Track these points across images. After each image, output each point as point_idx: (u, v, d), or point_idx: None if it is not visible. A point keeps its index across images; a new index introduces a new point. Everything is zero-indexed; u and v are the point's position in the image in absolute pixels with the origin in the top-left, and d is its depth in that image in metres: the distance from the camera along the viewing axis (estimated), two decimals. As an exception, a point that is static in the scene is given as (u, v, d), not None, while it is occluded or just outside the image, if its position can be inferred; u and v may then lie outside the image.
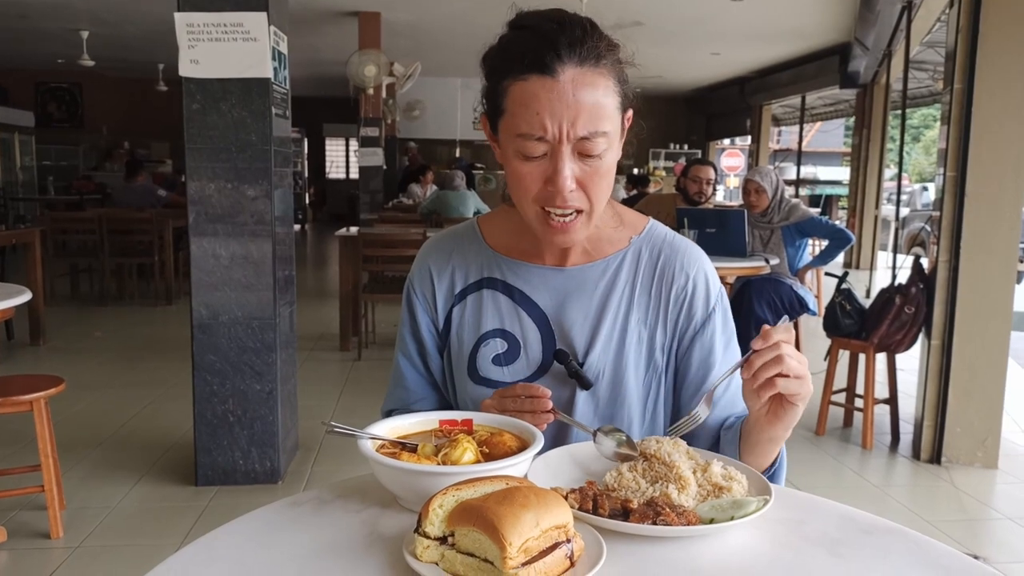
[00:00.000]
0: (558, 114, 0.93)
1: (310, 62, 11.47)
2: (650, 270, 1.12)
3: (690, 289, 1.11)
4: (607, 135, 0.96)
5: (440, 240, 1.19)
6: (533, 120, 0.94)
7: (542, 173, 0.97)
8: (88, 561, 2.54)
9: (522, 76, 0.94)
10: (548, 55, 0.93)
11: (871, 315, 3.65)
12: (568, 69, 0.93)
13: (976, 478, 3.35)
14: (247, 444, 3.09)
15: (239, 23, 2.88)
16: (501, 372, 1.11)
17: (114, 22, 9.42)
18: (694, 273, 1.12)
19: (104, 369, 4.92)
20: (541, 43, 0.94)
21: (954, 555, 0.81)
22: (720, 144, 17.98)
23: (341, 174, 17.75)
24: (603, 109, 0.95)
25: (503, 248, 1.14)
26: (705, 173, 4.72)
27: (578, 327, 1.09)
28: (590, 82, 0.94)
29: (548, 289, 1.11)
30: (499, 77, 0.98)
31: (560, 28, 0.95)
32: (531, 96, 0.94)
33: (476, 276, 1.14)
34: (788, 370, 0.90)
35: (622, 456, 0.95)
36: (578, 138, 0.94)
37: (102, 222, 6.80)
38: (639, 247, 1.13)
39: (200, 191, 2.97)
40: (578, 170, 0.97)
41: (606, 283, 1.10)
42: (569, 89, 0.93)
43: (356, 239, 5.18)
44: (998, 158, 3.30)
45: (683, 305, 1.11)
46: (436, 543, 0.74)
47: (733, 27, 9.43)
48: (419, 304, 1.18)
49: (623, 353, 1.09)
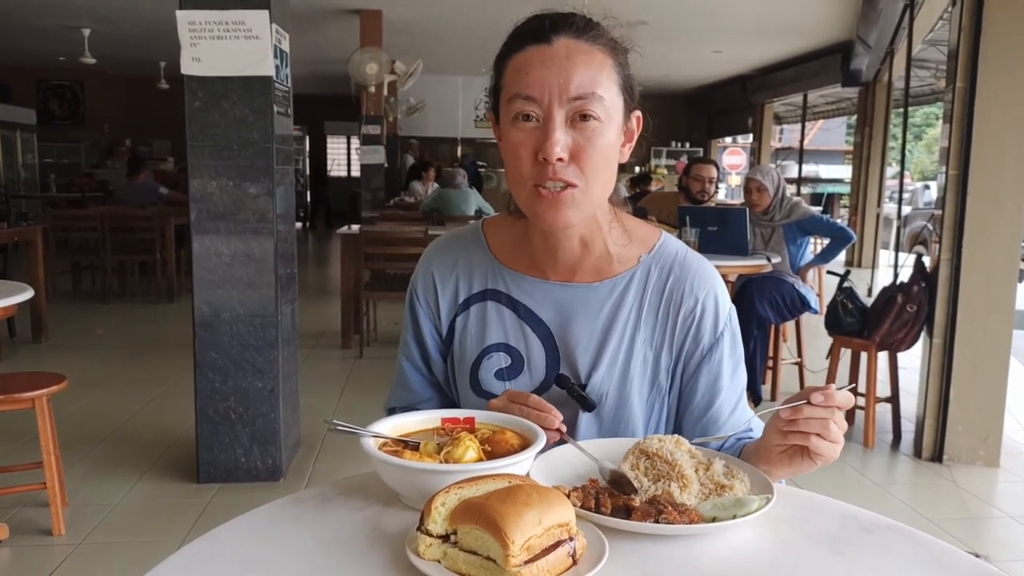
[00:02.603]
0: (551, 73, 0.94)
1: (312, 60, 11.46)
2: (658, 291, 1.09)
3: (699, 312, 1.08)
4: (602, 101, 0.96)
5: (444, 245, 1.18)
6: (523, 80, 0.96)
7: (535, 143, 0.95)
8: (90, 558, 2.55)
9: (521, 48, 0.98)
10: (544, 27, 0.97)
11: (873, 314, 3.65)
12: (563, 38, 0.96)
13: (978, 476, 3.35)
14: (249, 441, 3.09)
15: (241, 21, 2.88)
16: (504, 387, 1.09)
17: (115, 20, 9.42)
18: (703, 296, 1.08)
19: (106, 366, 4.93)
20: (540, 23, 0.98)
21: (956, 553, 0.81)
22: (722, 142, 17.95)
23: (343, 172, 17.76)
24: (598, 77, 0.96)
25: (507, 259, 1.12)
26: (707, 172, 4.71)
27: (582, 347, 1.08)
28: (585, 51, 0.96)
29: (553, 305, 1.09)
30: (502, 60, 1.01)
31: (562, 15, 0.98)
32: (525, 61, 0.97)
33: (480, 286, 1.13)
34: (830, 436, 0.90)
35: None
36: (570, 99, 0.94)
37: (104, 220, 6.81)
38: (648, 266, 1.10)
39: (202, 189, 2.98)
40: (570, 140, 0.95)
41: (613, 303, 1.08)
42: (562, 53, 0.95)
43: (357, 237, 5.18)
44: (1000, 156, 3.30)
45: (691, 328, 1.08)
46: (438, 541, 0.74)
47: (735, 25, 9.42)
48: (422, 310, 1.16)
49: (628, 375, 1.07)
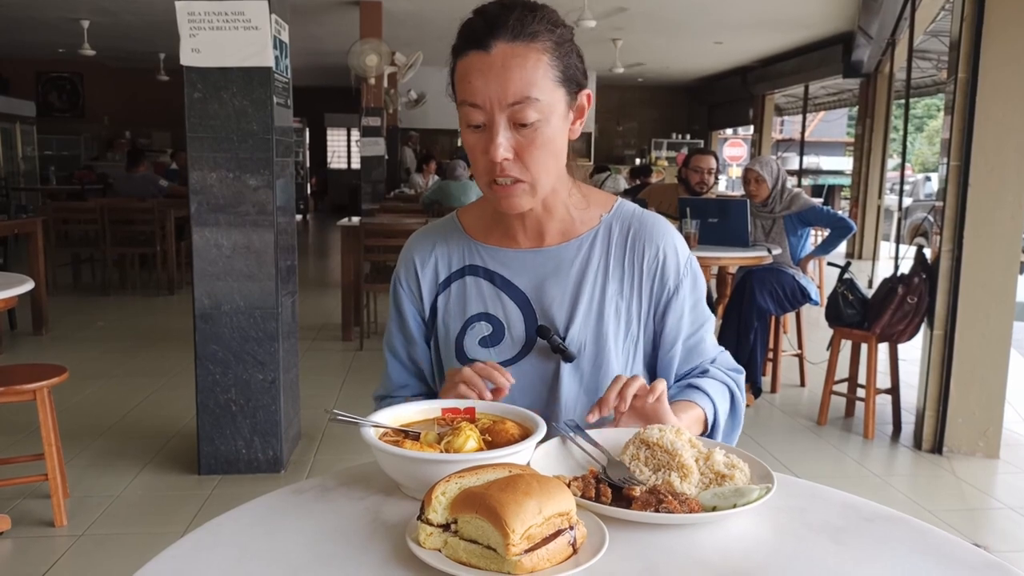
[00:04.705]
0: (489, 83, 1.01)
1: (311, 51, 11.43)
2: (621, 244, 1.18)
3: (661, 259, 1.17)
4: (537, 103, 1.02)
5: (422, 233, 1.26)
6: (468, 88, 1.03)
7: (483, 145, 1.04)
8: (92, 549, 2.56)
9: (464, 53, 1.04)
10: (483, 32, 1.02)
11: (873, 305, 3.65)
12: (500, 43, 1.01)
13: (977, 468, 3.35)
14: (250, 433, 3.10)
15: (240, 11, 2.87)
16: (488, 353, 1.16)
17: (115, 11, 9.39)
18: (663, 244, 1.18)
19: (107, 358, 4.93)
20: (480, 24, 1.04)
21: (955, 543, 0.81)
22: (723, 134, 17.92)
23: (343, 164, 17.74)
24: (532, 80, 1.02)
25: (482, 236, 1.20)
26: (706, 163, 4.70)
27: (557, 304, 1.15)
28: (520, 54, 1.01)
29: (527, 271, 1.17)
30: (453, 60, 1.07)
31: (501, 10, 1.03)
32: (468, 68, 1.03)
33: (458, 264, 1.20)
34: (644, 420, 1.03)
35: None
36: (508, 105, 1.01)
37: (104, 212, 6.81)
38: (610, 224, 1.19)
39: (202, 181, 2.97)
40: (514, 141, 1.03)
41: (581, 260, 1.16)
42: (499, 61, 1.01)
43: (358, 229, 5.17)
44: (1001, 148, 3.29)
45: (656, 274, 1.17)
46: (439, 530, 0.74)
47: (736, 16, 9.38)
48: (405, 296, 1.23)
49: (602, 324, 1.15)
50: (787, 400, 4.33)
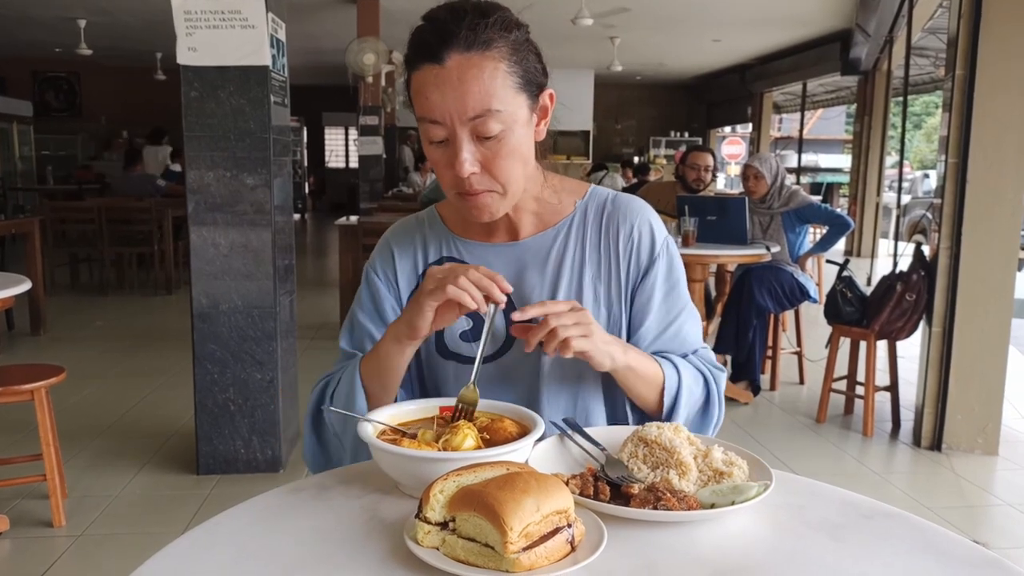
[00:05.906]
0: (447, 97, 0.97)
1: (309, 50, 11.41)
2: (596, 228, 1.16)
3: (636, 236, 1.15)
4: (499, 114, 0.98)
5: (401, 224, 1.24)
6: (426, 104, 0.99)
7: (449, 159, 1.01)
8: (91, 549, 2.55)
9: (418, 67, 1.00)
10: (436, 44, 0.98)
11: (872, 302, 3.65)
12: (454, 55, 0.97)
13: (976, 465, 3.36)
14: (248, 433, 3.09)
15: (237, 10, 2.86)
16: (469, 347, 1.14)
17: (111, 11, 9.37)
18: (638, 222, 1.16)
19: (105, 358, 4.93)
20: (432, 33, 0.99)
21: (954, 539, 0.81)
22: (721, 132, 17.92)
23: (341, 163, 17.73)
24: (492, 91, 0.98)
25: (460, 230, 1.19)
26: (703, 160, 4.70)
27: (536, 293, 1.14)
28: (476, 64, 0.97)
29: (505, 264, 1.15)
30: (408, 71, 1.03)
31: (452, 17, 0.99)
32: (423, 83, 0.99)
33: (436, 255, 1.19)
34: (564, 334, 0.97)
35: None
36: (469, 119, 0.98)
37: (101, 212, 6.80)
38: (584, 209, 1.18)
39: (199, 180, 2.97)
40: (479, 153, 1.00)
41: (558, 248, 1.15)
42: (454, 75, 0.97)
43: (356, 228, 5.17)
44: (999, 145, 3.29)
45: (632, 252, 1.15)
46: (437, 528, 0.74)
47: (734, 13, 9.38)
48: (381, 283, 1.19)
49: None
50: (786, 398, 4.33)
